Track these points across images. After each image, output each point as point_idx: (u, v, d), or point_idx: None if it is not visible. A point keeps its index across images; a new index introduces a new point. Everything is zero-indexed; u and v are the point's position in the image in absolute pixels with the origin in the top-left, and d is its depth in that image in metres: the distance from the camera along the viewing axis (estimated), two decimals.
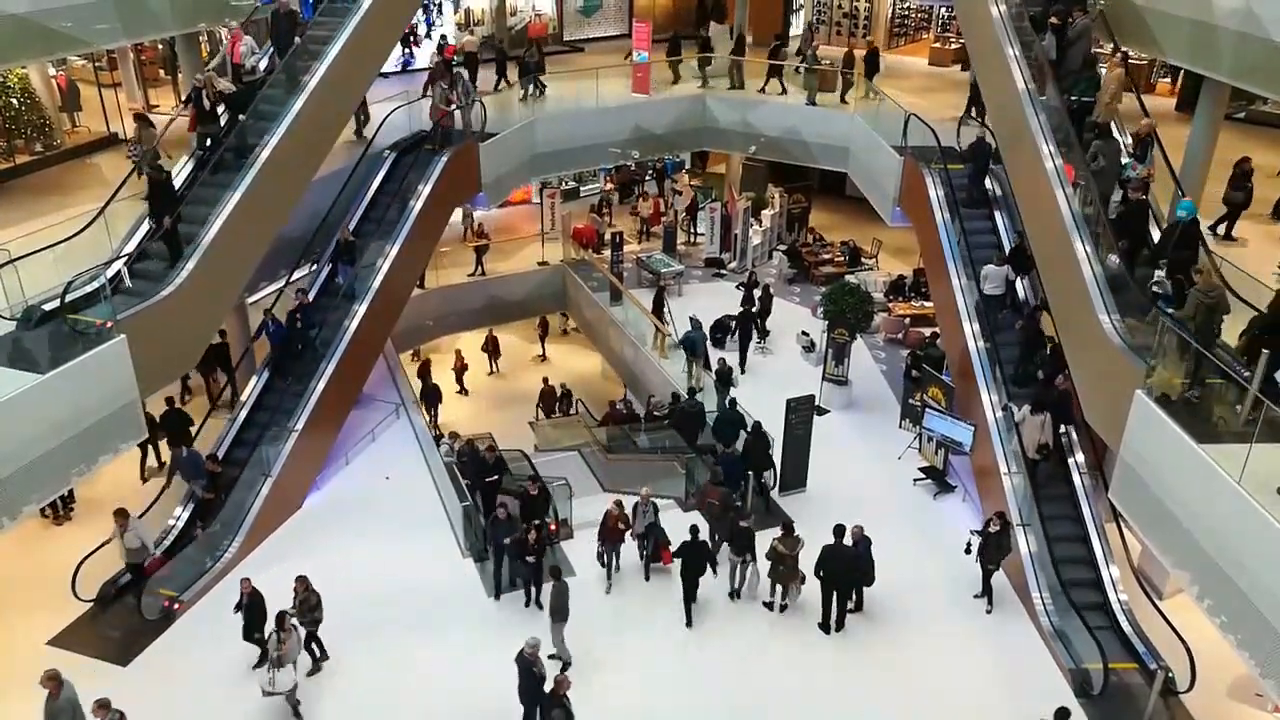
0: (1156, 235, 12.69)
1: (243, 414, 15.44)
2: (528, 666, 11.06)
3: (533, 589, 13.52)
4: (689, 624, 13.31)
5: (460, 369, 23.45)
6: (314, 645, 12.26)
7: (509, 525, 13.44)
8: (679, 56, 23.53)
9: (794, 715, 11.97)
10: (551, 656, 12.44)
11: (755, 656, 12.79)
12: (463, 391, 23.46)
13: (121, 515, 12.78)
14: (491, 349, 24.39)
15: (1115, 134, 14.24)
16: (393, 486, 16.23)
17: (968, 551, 13.46)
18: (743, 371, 19.38)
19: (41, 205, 16.68)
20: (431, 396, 21.09)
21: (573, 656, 12.48)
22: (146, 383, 11.96)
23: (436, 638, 12.91)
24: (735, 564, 13.70)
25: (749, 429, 15.96)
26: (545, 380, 22.25)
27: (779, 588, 13.43)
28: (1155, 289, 11.68)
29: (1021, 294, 16.40)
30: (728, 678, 12.25)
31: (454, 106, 18.54)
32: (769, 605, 13.61)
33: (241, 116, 14.77)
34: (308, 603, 11.92)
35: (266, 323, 15.84)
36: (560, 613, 12.29)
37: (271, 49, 16.03)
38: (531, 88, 21.73)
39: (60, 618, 12.88)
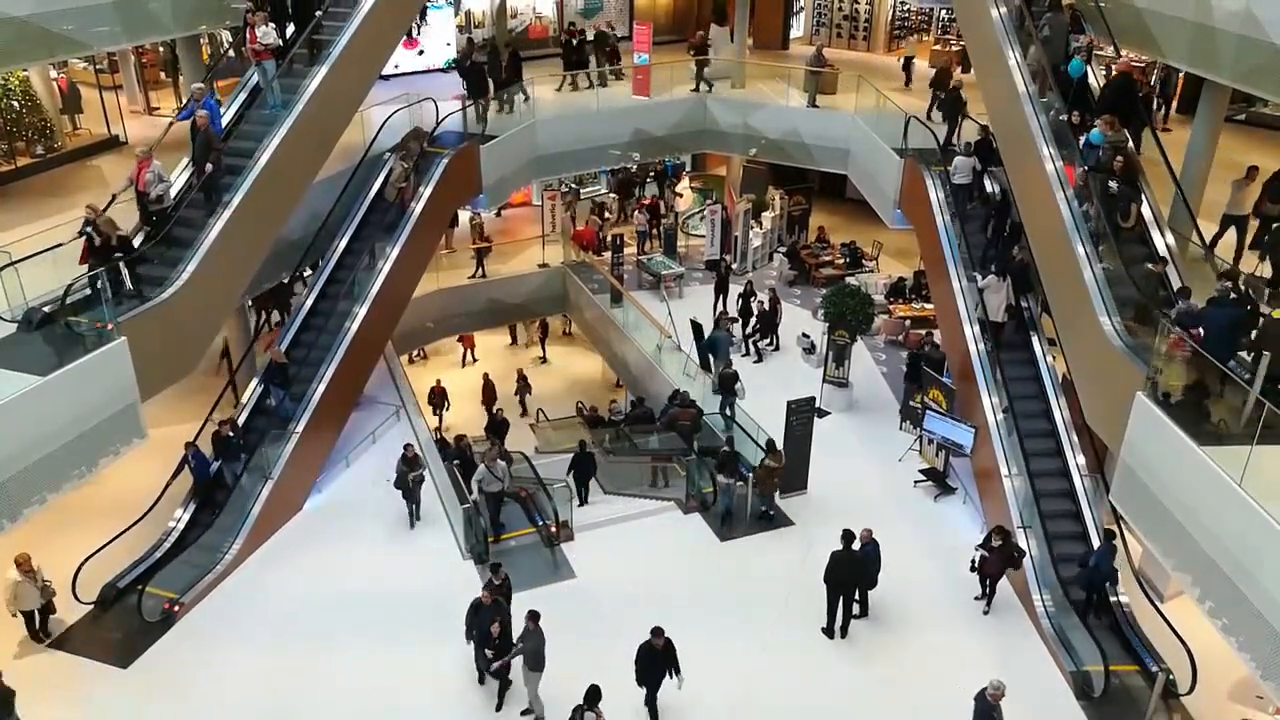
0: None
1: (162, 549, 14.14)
2: (987, 712, 10.53)
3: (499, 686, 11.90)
4: (582, 503, 15.84)
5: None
6: None
7: (494, 609, 11.72)
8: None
9: (795, 716, 11.97)
10: (524, 713, 11.70)
11: (756, 657, 12.80)
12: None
13: None
14: (438, 400, 21.91)
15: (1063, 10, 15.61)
16: (393, 488, 16.20)
17: (973, 569, 13.43)
18: (759, 359, 20.37)
19: (43, 207, 16.68)
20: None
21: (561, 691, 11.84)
22: (147, 385, 11.97)
23: (436, 640, 12.85)
24: (725, 486, 15.01)
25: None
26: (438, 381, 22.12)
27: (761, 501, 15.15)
28: (1091, 140, 13.16)
29: (988, 187, 17.53)
30: (728, 679, 12.24)
31: (406, 184, 17.57)
32: (761, 519, 15.26)
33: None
34: None
35: (188, 457, 14.43)
36: (536, 661, 11.30)
37: (191, 169, 14.25)
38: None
39: (60, 620, 12.90)
